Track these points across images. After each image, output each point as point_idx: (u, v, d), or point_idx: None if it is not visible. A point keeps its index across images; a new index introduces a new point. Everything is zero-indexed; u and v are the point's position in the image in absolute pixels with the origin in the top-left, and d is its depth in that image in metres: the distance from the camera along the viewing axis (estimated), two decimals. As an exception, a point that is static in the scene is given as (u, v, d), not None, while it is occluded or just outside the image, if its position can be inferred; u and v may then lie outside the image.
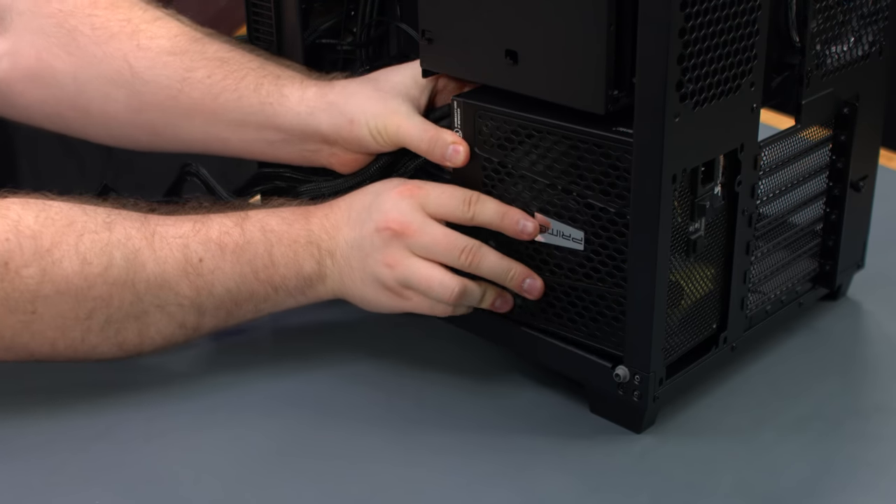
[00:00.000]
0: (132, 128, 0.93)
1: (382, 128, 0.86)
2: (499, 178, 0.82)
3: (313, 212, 0.86)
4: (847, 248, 0.93)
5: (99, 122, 0.93)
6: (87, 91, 0.91)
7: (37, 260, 0.77)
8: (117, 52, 0.90)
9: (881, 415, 0.83)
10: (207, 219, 0.84)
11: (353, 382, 0.87)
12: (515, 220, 0.81)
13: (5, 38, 0.92)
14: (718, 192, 0.78)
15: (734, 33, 0.73)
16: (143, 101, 0.90)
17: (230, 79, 0.89)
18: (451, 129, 0.83)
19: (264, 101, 0.88)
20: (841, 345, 0.92)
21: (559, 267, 0.81)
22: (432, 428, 0.82)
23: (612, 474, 0.77)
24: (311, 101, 0.88)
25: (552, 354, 0.83)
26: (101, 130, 0.94)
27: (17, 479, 0.77)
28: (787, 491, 0.75)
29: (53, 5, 0.91)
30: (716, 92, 0.74)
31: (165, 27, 0.91)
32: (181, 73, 0.89)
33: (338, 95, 0.87)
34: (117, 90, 0.90)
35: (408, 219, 0.82)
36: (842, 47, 0.86)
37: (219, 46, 0.91)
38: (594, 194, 0.77)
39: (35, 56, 0.91)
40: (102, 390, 0.85)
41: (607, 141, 0.75)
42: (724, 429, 0.81)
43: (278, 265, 0.83)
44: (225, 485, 0.77)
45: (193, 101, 0.89)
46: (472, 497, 0.75)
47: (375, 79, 0.88)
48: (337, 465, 0.78)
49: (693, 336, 0.82)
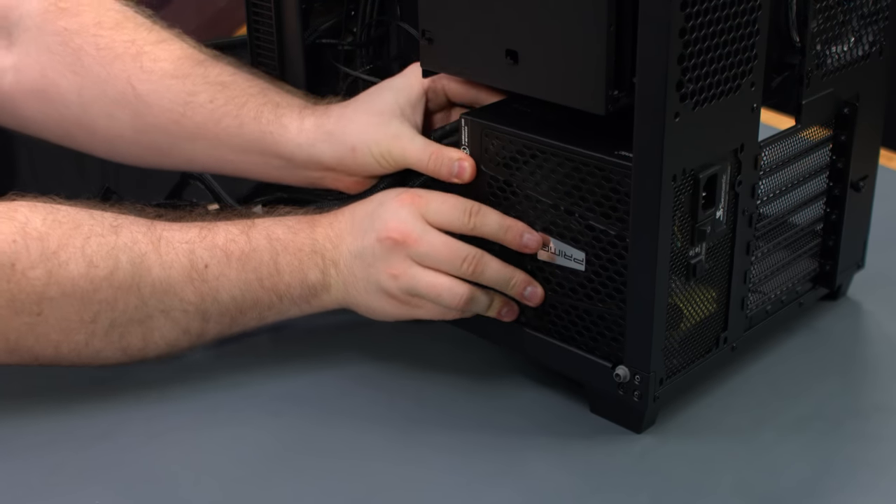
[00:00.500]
0: (137, 147, 0.93)
1: (387, 153, 0.86)
2: (503, 197, 0.82)
3: (318, 221, 0.86)
4: (847, 248, 0.93)
5: (104, 141, 0.93)
6: (91, 110, 0.92)
7: (43, 262, 0.77)
8: (121, 74, 0.90)
9: (881, 415, 0.83)
10: (214, 226, 0.84)
11: (353, 382, 0.87)
12: (519, 232, 0.81)
13: (12, 52, 0.93)
14: (721, 217, 0.78)
15: (734, 33, 0.73)
16: (147, 123, 0.91)
17: (231, 104, 0.89)
18: (459, 146, 0.84)
19: (265, 130, 0.88)
20: (841, 345, 0.92)
21: (560, 286, 0.81)
22: (433, 427, 0.82)
23: (612, 474, 0.77)
24: (310, 132, 0.88)
25: (552, 354, 0.83)
26: (106, 148, 0.94)
27: (17, 478, 0.77)
28: (787, 491, 0.75)
29: (60, 23, 0.91)
30: (716, 92, 0.74)
31: (169, 50, 0.91)
32: (183, 97, 0.89)
33: (335, 125, 0.87)
34: (121, 111, 0.91)
35: (408, 228, 0.82)
36: (842, 47, 0.86)
37: (221, 70, 0.91)
38: (595, 217, 0.77)
39: (40, 73, 0.92)
40: (102, 390, 0.85)
41: (609, 164, 0.75)
42: (724, 429, 0.81)
43: (283, 273, 0.83)
44: (225, 485, 0.77)
45: (196, 124, 0.89)
46: (471, 497, 0.75)
47: (369, 100, 0.88)
48: (337, 465, 0.78)
49: (694, 356, 0.82)
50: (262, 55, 0.98)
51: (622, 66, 0.74)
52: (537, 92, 0.78)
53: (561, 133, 0.78)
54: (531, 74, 0.78)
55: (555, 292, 0.82)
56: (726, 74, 0.74)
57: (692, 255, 0.78)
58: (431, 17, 0.82)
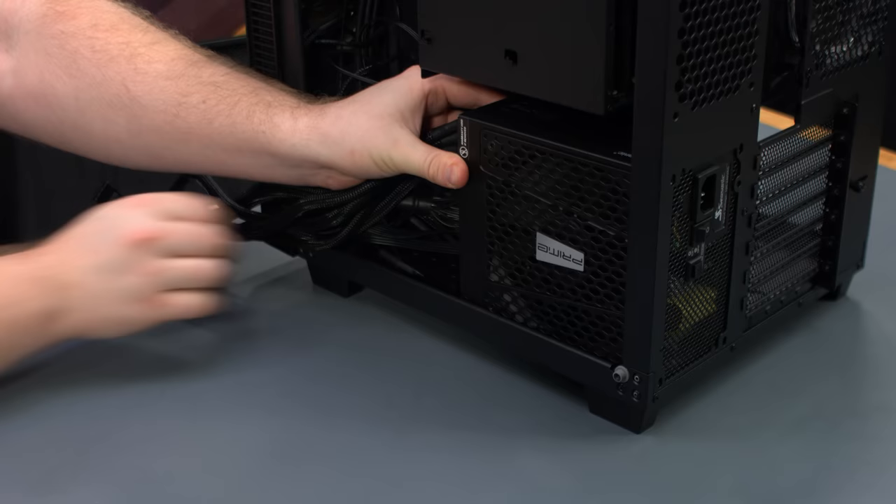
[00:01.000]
0: (133, 150, 0.93)
1: (388, 158, 0.86)
2: (502, 197, 0.82)
3: (44, 250, 0.85)
4: (846, 248, 0.93)
5: (100, 144, 0.94)
6: (87, 113, 0.92)
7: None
8: (116, 76, 0.90)
9: (881, 414, 0.83)
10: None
11: (352, 382, 0.87)
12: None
13: (11, 55, 0.93)
14: (720, 218, 0.78)
15: (733, 33, 0.73)
16: (142, 125, 0.90)
17: (223, 104, 0.89)
18: (458, 147, 0.83)
19: (257, 130, 0.88)
20: (841, 345, 0.92)
21: (559, 286, 0.81)
22: (431, 427, 0.82)
23: (612, 474, 0.77)
24: (304, 132, 0.87)
25: (552, 354, 0.83)
26: (102, 151, 0.95)
27: (16, 478, 0.77)
28: (786, 491, 0.75)
29: (57, 26, 0.91)
30: (715, 92, 0.74)
31: (163, 51, 0.91)
32: (177, 97, 0.89)
33: (332, 126, 0.87)
34: (116, 113, 0.91)
35: (151, 225, 0.83)
36: (841, 47, 0.86)
37: (214, 70, 0.90)
38: (594, 217, 0.77)
39: (38, 76, 0.92)
40: (102, 390, 0.86)
41: (608, 165, 0.75)
42: (724, 429, 0.81)
43: (9, 307, 0.82)
44: (226, 484, 0.77)
45: (189, 125, 0.89)
46: (471, 496, 0.75)
47: (369, 101, 0.88)
48: (336, 465, 0.78)
49: (693, 356, 0.82)
50: (261, 55, 0.98)
51: (621, 66, 0.74)
52: (536, 92, 0.78)
53: (560, 133, 0.78)
54: (530, 74, 0.78)
55: (554, 292, 0.82)
56: (725, 74, 0.74)
57: (691, 255, 0.78)
58: (431, 18, 0.82)
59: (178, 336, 0.92)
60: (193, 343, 0.91)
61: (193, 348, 0.90)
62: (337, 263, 0.97)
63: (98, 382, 0.86)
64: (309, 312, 0.94)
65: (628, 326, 0.77)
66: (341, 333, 0.93)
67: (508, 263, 0.83)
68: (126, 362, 0.87)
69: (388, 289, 0.95)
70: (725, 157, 0.78)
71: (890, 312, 0.96)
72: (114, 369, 0.84)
